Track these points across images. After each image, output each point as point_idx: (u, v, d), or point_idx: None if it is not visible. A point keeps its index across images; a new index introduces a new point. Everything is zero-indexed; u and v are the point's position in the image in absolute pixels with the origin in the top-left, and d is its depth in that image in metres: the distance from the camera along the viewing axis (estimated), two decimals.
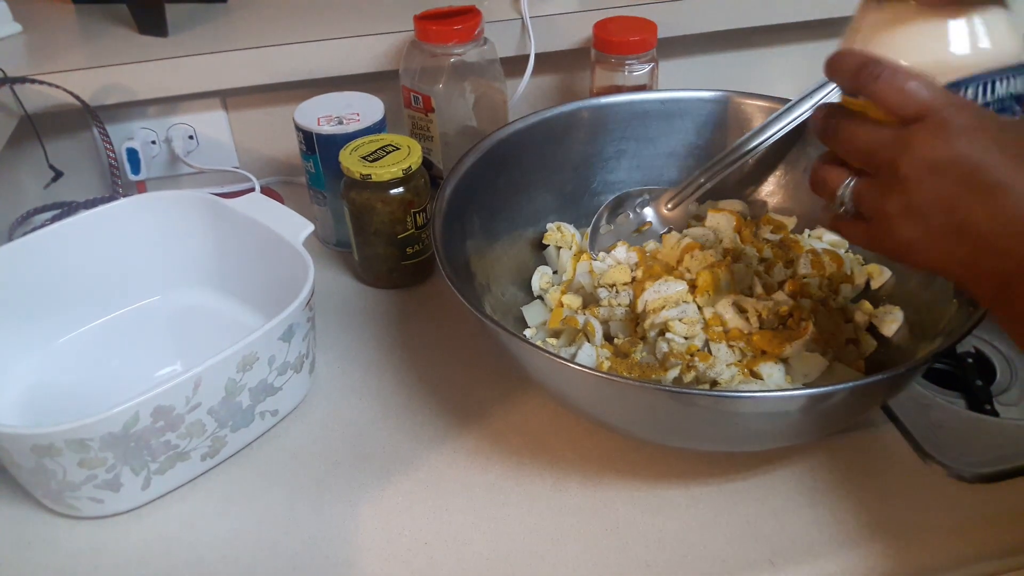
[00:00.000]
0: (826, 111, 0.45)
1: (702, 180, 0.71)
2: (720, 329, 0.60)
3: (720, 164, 0.70)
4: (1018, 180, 0.39)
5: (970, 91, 0.43)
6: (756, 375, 0.58)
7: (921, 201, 0.40)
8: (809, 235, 0.70)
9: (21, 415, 0.60)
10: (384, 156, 0.68)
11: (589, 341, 0.62)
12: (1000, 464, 0.57)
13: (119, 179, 0.80)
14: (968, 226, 0.40)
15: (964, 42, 0.42)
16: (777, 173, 0.73)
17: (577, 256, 0.69)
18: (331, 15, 0.86)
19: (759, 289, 0.63)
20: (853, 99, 0.45)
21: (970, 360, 0.74)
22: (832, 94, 0.67)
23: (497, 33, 0.81)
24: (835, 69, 0.44)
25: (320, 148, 0.72)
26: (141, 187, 0.84)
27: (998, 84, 0.43)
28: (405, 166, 0.68)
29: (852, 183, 0.44)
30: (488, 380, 0.65)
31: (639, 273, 0.66)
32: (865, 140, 0.42)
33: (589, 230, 0.71)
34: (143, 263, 0.68)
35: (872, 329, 0.64)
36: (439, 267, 0.56)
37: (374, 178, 0.67)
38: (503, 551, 0.53)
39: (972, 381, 0.71)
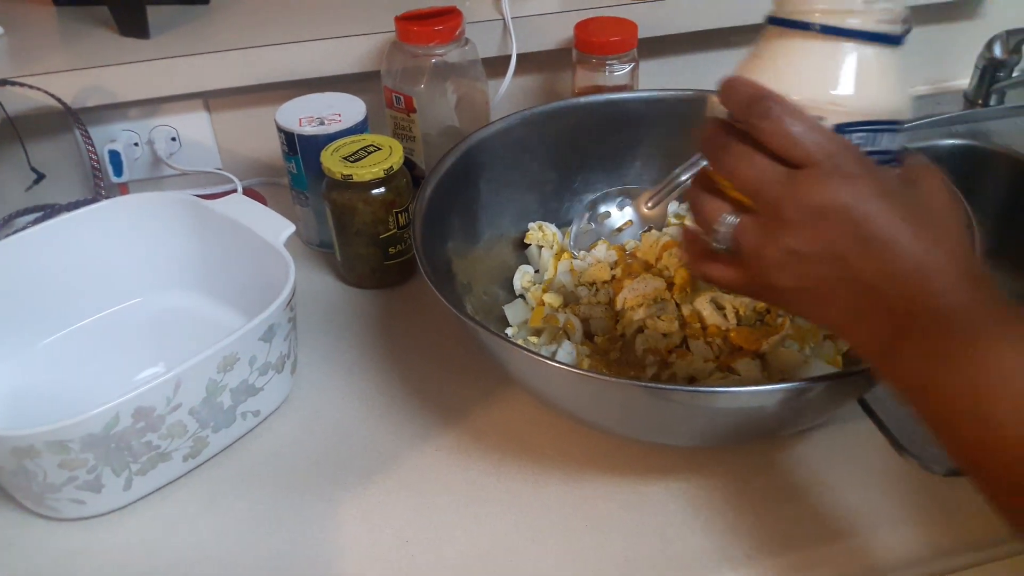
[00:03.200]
0: (718, 126, 0.41)
1: (682, 179, 0.71)
2: (698, 326, 0.60)
3: (699, 162, 0.70)
4: (904, 236, 0.38)
5: (856, 137, 0.41)
6: (734, 371, 0.58)
7: (807, 249, 0.38)
8: None
9: (2, 417, 0.60)
10: (365, 156, 0.69)
11: (569, 339, 0.63)
12: None
13: (101, 181, 0.80)
14: (855, 278, 0.38)
15: (859, 86, 0.41)
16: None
17: (558, 255, 0.70)
18: (313, 16, 0.86)
19: None
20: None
21: None
22: None
23: (478, 33, 0.81)
24: (728, 96, 0.41)
25: (302, 149, 0.73)
26: (124, 189, 0.84)
27: (885, 136, 0.42)
28: (386, 166, 0.68)
29: (732, 220, 0.41)
30: (469, 379, 0.65)
31: (619, 271, 0.66)
32: (755, 173, 0.39)
33: (571, 229, 0.72)
34: (125, 265, 0.68)
35: None
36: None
37: (355, 178, 0.67)
38: (484, 548, 0.53)
39: None
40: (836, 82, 0.41)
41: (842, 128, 0.40)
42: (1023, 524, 0.35)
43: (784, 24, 0.42)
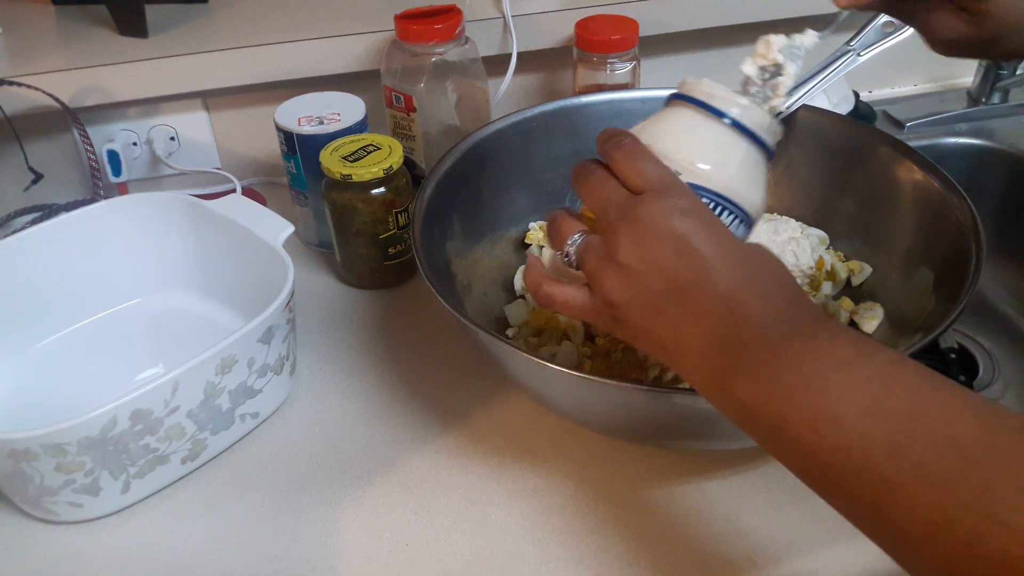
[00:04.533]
0: (593, 160, 0.46)
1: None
2: None
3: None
4: (724, 259, 0.40)
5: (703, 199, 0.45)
6: None
7: (638, 264, 0.41)
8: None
9: (0, 420, 0.60)
10: (365, 156, 0.68)
11: (570, 340, 0.62)
12: None
13: (100, 181, 0.79)
14: (680, 292, 0.40)
15: (719, 164, 0.45)
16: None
17: None
18: (312, 15, 0.85)
19: None
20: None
21: (952, 355, 0.74)
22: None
23: (479, 32, 0.81)
24: (600, 138, 0.45)
25: (301, 148, 0.72)
26: (122, 189, 0.84)
27: (728, 215, 0.46)
28: (386, 166, 0.67)
29: (579, 238, 0.45)
30: (470, 380, 0.65)
31: None
32: (603, 195, 0.43)
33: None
34: (123, 265, 0.68)
35: (853, 325, 0.64)
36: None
37: (355, 178, 0.67)
38: (485, 552, 0.53)
39: (955, 376, 0.71)
40: (703, 152, 0.45)
41: (692, 186, 0.44)
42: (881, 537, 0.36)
43: (678, 98, 0.47)
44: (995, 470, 0.32)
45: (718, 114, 0.46)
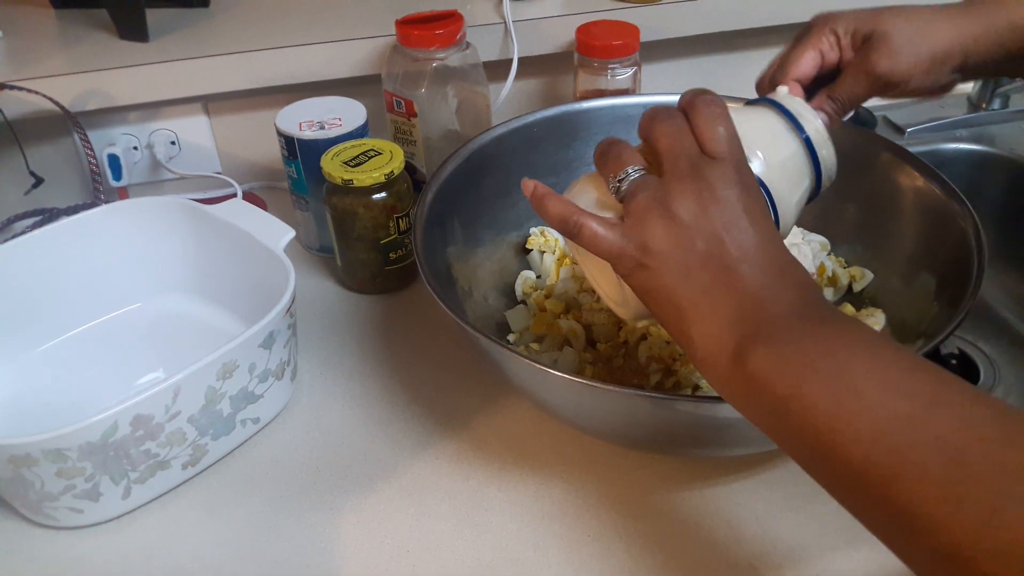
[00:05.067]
0: (660, 107, 0.46)
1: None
2: None
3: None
4: (774, 243, 0.42)
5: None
6: None
7: (692, 220, 0.41)
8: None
9: (0, 425, 0.60)
10: (366, 161, 0.68)
11: (572, 346, 0.62)
12: None
13: (100, 185, 0.79)
14: (722, 259, 0.41)
15: (775, 161, 0.48)
16: None
17: (560, 260, 0.69)
18: (313, 20, 0.85)
19: None
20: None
21: (953, 361, 0.75)
22: None
23: (480, 37, 0.81)
24: (689, 91, 0.45)
25: (302, 153, 0.72)
26: (123, 193, 0.84)
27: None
28: (387, 171, 0.67)
29: (639, 169, 0.44)
30: (470, 386, 0.64)
31: None
32: (678, 142, 0.43)
33: None
34: (124, 270, 0.68)
35: None
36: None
37: (356, 183, 0.67)
38: (485, 558, 0.53)
39: None
40: (769, 151, 0.48)
41: (759, 177, 0.46)
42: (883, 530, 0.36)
43: (770, 103, 0.50)
44: (1012, 450, 0.32)
45: (798, 127, 0.48)
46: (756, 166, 0.46)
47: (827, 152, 0.49)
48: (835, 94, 0.56)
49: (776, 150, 0.48)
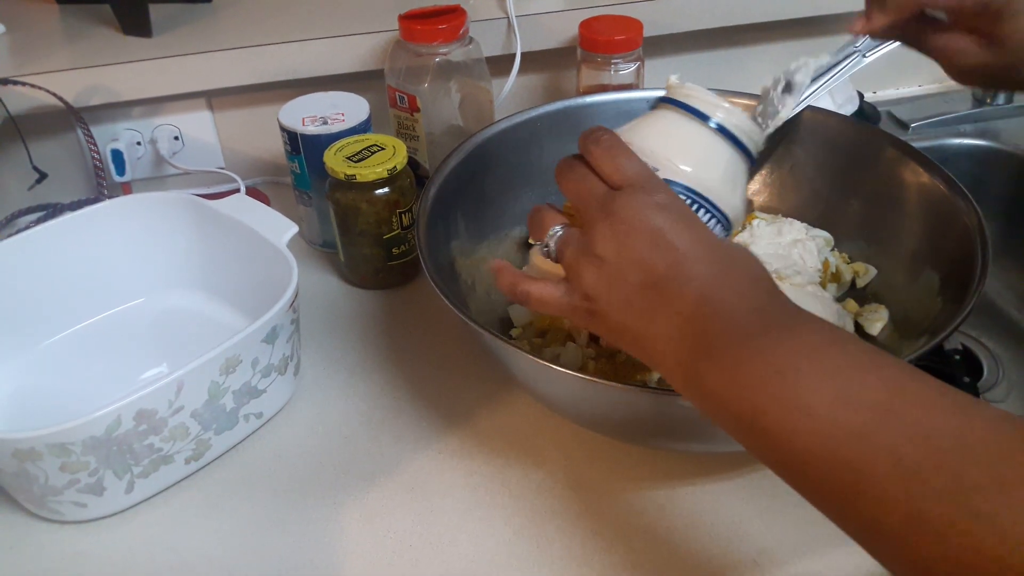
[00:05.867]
0: (572, 156, 0.46)
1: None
2: None
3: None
4: (698, 251, 0.41)
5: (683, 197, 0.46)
6: None
7: (614, 257, 0.42)
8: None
9: (4, 419, 0.60)
10: (369, 156, 0.68)
11: (574, 341, 0.62)
12: None
13: (104, 181, 0.79)
14: (655, 284, 0.41)
15: (700, 164, 0.47)
16: (763, 172, 0.73)
17: None
18: (316, 15, 0.85)
19: None
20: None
21: (957, 357, 0.74)
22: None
23: (482, 32, 0.81)
24: (581, 135, 0.46)
25: (305, 148, 0.72)
26: (126, 188, 0.84)
27: (703, 212, 0.47)
28: (390, 166, 0.67)
29: (559, 230, 0.45)
30: (473, 381, 0.64)
31: None
32: (582, 189, 0.44)
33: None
34: (127, 265, 0.68)
35: (858, 328, 0.64)
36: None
37: (359, 178, 0.67)
38: (488, 553, 0.53)
39: (959, 378, 0.71)
40: (685, 153, 0.47)
41: (674, 184, 0.46)
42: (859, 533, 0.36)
43: (666, 102, 0.49)
44: (969, 461, 0.31)
45: (702, 117, 0.47)
46: (685, 177, 0.46)
47: (743, 126, 0.47)
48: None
49: (693, 150, 0.47)
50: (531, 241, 0.71)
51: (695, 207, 0.46)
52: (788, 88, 0.53)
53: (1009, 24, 0.54)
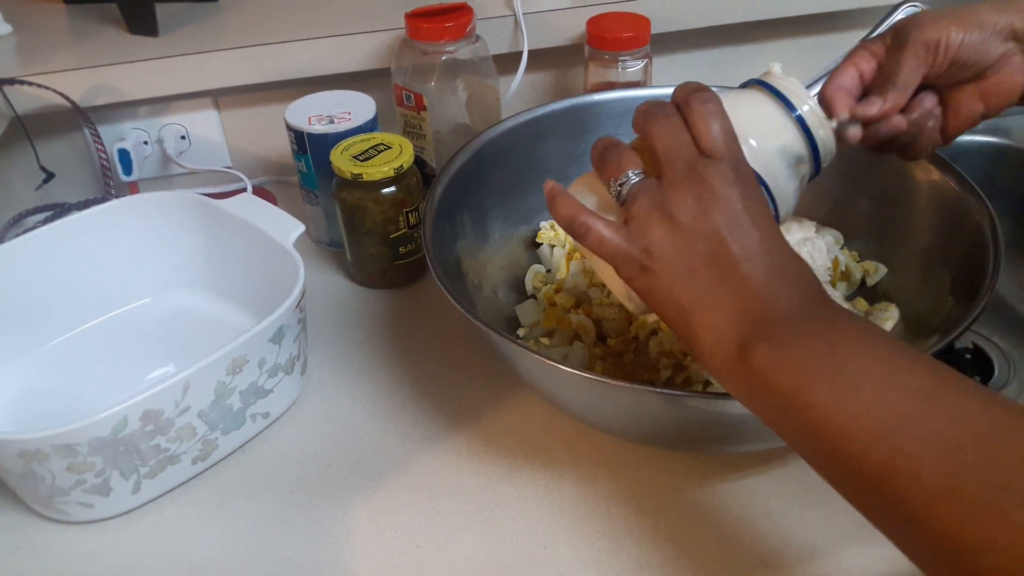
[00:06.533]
0: (664, 102, 0.45)
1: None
2: None
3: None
4: (773, 240, 0.42)
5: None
6: None
7: (692, 222, 0.41)
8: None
9: (11, 420, 0.60)
10: (376, 155, 0.68)
11: (582, 341, 0.62)
12: None
13: (111, 180, 0.79)
14: (724, 259, 0.41)
15: (768, 143, 0.47)
16: None
17: (570, 255, 0.69)
18: (322, 13, 0.85)
19: None
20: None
21: (968, 356, 0.74)
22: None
23: (489, 30, 0.80)
24: (681, 87, 0.45)
25: (311, 147, 0.72)
26: (133, 188, 0.84)
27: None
28: (396, 165, 0.67)
29: (638, 174, 0.44)
30: (480, 380, 0.64)
31: None
32: (675, 143, 0.43)
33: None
34: (134, 265, 0.68)
35: None
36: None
37: (365, 177, 0.67)
38: (495, 553, 0.53)
39: (970, 377, 0.71)
40: (761, 133, 0.47)
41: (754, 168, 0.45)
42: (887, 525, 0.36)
43: (760, 84, 0.49)
44: (1005, 444, 0.32)
45: (791, 107, 0.47)
46: (750, 154, 0.45)
47: (823, 132, 0.48)
48: (890, 77, 0.52)
49: (769, 135, 0.47)
50: (538, 240, 0.71)
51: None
52: None
53: (993, 77, 0.53)
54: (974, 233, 0.57)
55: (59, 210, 0.80)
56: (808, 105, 0.47)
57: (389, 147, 0.69)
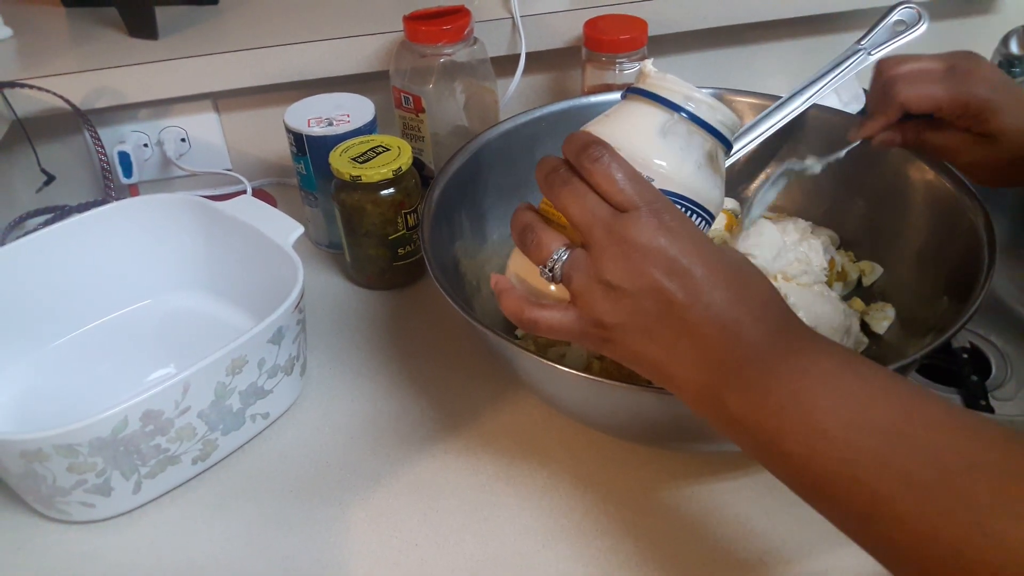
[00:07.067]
0: (557, 162, 0.44)
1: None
2: None
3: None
4: (715, 279, 0.40)
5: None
6: None
7: (630, 285, 0.40)
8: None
9: (12, 420, 0.60)
10: (374, 157, 0.68)
11: None
12: None
13: (111, 182, 0.80)
14: (673, 312, 0.40)
15: (680, 163, 0.44)
16: (768, 170, 0.73)
17: None
18: (321, 16, 0.85)
19: None
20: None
21: (965, 355, 0.74)
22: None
23: (487, 32, 0.81)
24: (567, 143, 0.43)
25: (311, 150, 0.72)
26: (133, 190, 0.84)
27: (692, 216, 0.45)
28: (395, 167, 0.67)
29: (565, 253, 0.43)
30: (479, 381, 0.65)
31: None
32: (585, 209, 0.42)
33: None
34: (134, 266, 0.68)
35: (864, 326, 0.64)
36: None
37: (364, 179, 0.67)
38: (494, 552, 0.53)
39: (967, 376, 0.71)
40: (660, 149, 0.44)
41: (665, 192, 0.43)
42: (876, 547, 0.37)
43: (635, 93, 0.46)
44: (976, 480, 0.33)
45: (674, 108, 0.44)
46: (656, 173, 0.44)
47: (719, 115, 0.45)
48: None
49: (665, 143, 0.44)
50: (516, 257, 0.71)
51: (692, 216, 0.45)
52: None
53: (996, 121, 0.55)
54: (969, 233, 0.58)
55: (60, 212, 0.80)
56: (692, 101, 0.44)
57: (388, 149, 0.69)
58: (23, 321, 0.64)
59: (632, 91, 0.47)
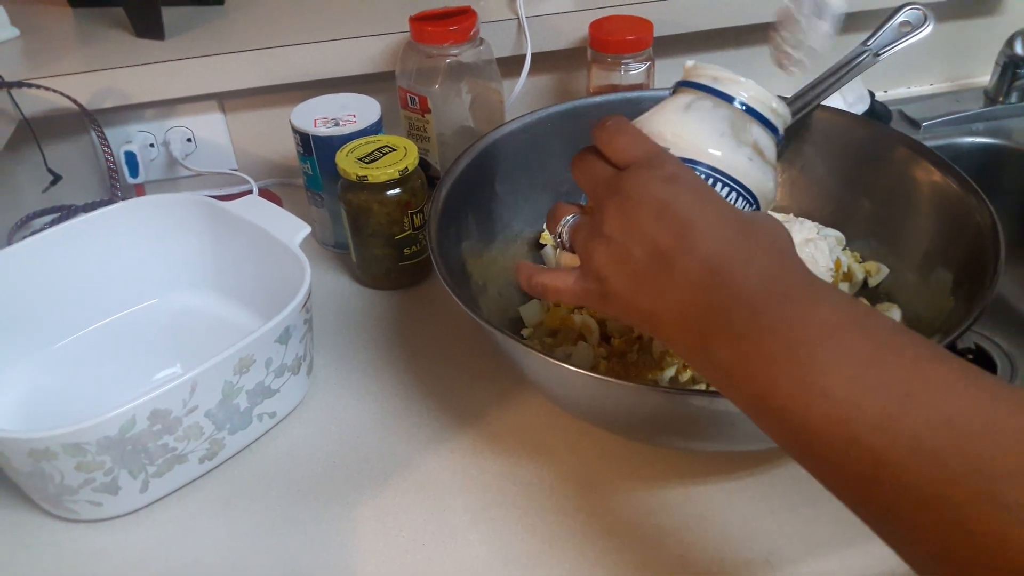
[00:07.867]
0: (584, 148, 0.46)
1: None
2: None
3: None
4: (707, 222, 0.39)
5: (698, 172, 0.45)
6: None
7: (622, 235, 0.41)
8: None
9: (20, 419, 0.61)
10: (380, 157, 0.68)
11: (586, 341, 0.62)
12: None
13: (117, 182, 0.80)
14: (664, 258, 0.39)
15: (721, 143, 0.46)
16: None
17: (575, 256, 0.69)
18: (327, 17, 0.86)
19: None
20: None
21: (970, 356, 0.74)
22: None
23: (493, 33, 0.81)
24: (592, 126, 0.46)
25: (317, 150, 0.73)
26: (140, 190, 0.85)
27: (733, 194, 0.46)
28: (401, 167, 0.68)
29: (571, 219, 0.46)
30: (485, 380, 0.65)
31: None
32: (592, 175, 0.44)
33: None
34: (141, 266, 0.68)
35: None
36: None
37: (370, 179, 0.67)
38: (500, 552, 0.53)
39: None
40: (711, 137, 0.46)
41: (692, 163, 0.45)
42: (874, 516, 0.34)
43: (684, 85, 0.48)
44: (991, 447, 0.30)
45: (727, 99, 0.46)
46: (707, 156, 0.45)
47: (773, 104, 0.46)
48: None
49: (718, 134, 0.45)
50: (541, 242, 0.71)
51: (718, 186, 0.45)
52: (819, 10, 0.51)
53: None
54: (975, 233, 0.58)
55: (66, 212, 0.80)
56: (744, 89, 0.46)
57: (394, 149, 0.69)
58: (30, 320, 0.64)
59: (683, 84, 0.48)
